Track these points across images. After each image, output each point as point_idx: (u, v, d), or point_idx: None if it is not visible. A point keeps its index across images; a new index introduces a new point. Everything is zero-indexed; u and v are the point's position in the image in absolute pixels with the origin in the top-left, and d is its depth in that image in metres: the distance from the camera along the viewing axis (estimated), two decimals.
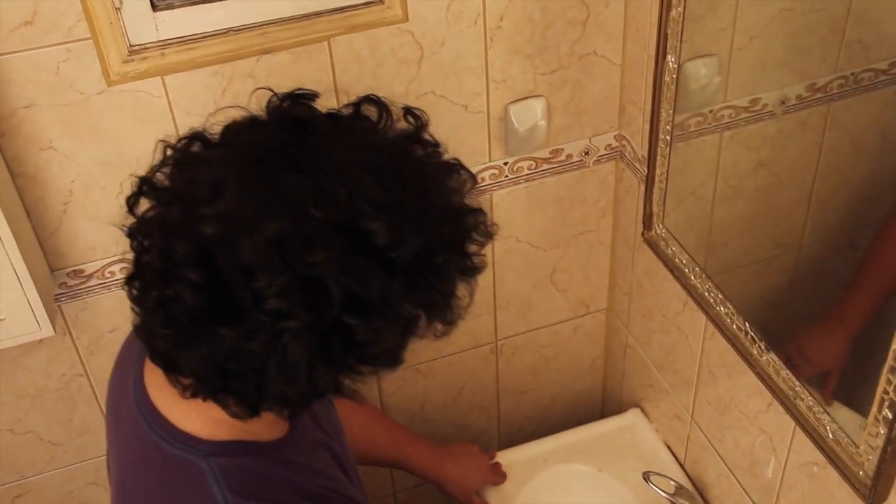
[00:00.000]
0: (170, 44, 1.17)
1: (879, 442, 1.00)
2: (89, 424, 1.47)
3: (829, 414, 1.09)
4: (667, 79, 1.26)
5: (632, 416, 1.69)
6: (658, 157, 1.34)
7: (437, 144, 0.83)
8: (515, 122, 1.40)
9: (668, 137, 1.30)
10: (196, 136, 0.81)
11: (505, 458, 1.62)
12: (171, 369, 0.80)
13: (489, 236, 0.83)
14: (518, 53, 1.34)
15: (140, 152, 1.22)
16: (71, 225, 1.26)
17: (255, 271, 0.71)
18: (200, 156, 0.80)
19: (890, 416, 0.96)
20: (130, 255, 0.79)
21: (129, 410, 0.90)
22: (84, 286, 1.32)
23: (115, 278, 1.33)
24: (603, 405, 1.90)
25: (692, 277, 1.33)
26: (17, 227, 1.15)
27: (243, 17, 1.18)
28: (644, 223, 1.43)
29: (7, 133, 1.16)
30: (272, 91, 0.84)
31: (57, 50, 1.13)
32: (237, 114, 0.82)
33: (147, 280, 0.77)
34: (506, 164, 1.45)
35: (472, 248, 0.82)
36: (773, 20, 1.15)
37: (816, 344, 1.17)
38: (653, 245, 1.42)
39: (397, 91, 1.30)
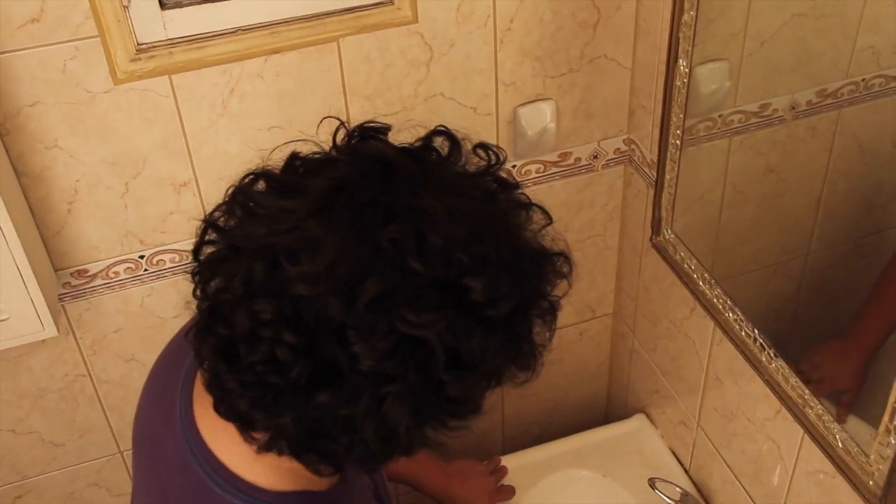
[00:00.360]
0: (178, 43, 1.16)
1: (890, 452, 0.99)
2: (91, 425, 1.46)
3: (838, 423, 1.08)
4: (678, 83, 1.25)
5: (637, 422, 1.68)
6: (668, 162, 1.33)
7: (516, 184, 0.78)
8: (524, 125, 1.39)
9: (678, 142, 1.30)
10: (261, 175, 0.75)
11: (509, 462, 1.61)
12: (247, 427, 0.74)
13: (566, 277, 0.79)
14: (528, 55, 1.33)
15: (147, 152, 1.22)
16: (75, 224, 1.25)
17: (355, 334, 0.66)
18: (277, 201, 0.71)
19: None
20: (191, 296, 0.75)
21: (176, 451, 0.83)
22: (88, 286, 1.31)
23: (119, 278, 1.32)
24: (607, 410, 1.89)
25: (700, 283, 1.32)
26: (21, 226, 1.14)
27: (252, 17, 1.17)
28: (652, 228, 1.42)
29: (12, 131, 1.15)
30: (340, 121, 0.78)
31: (64, 48, 1.12)
32: (302, 146, 0.76)
33: (229, 337, 0.71)
34: (514, 167, 1.44)
35: (550, 288, 0.77)
36: (785, 25, 1.14)
37: (831, 364, 1.16)
38: (661, 250, 1.41)
39: (406, 93, 1.30)
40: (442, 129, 0.78)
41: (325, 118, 0.87)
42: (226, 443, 0.80)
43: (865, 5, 1.04)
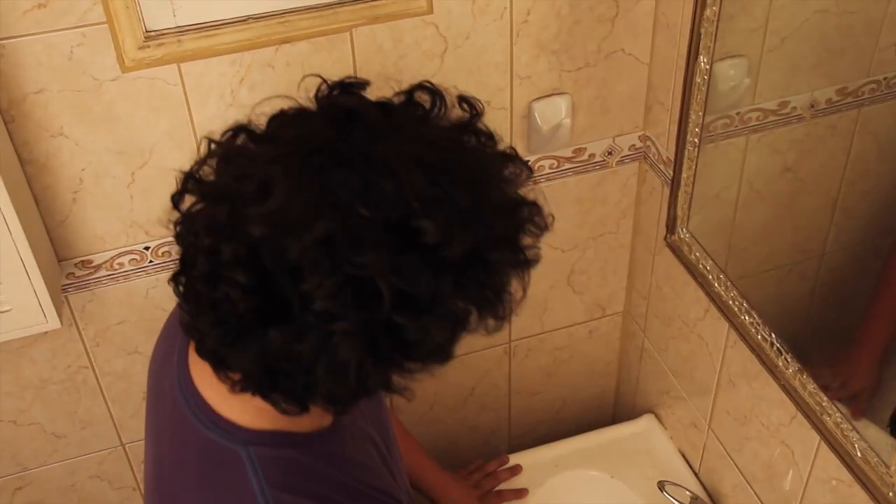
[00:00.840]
0: (187, 30, 1.13)
1: None
2: (93, 417, 1.45)
3: (858, 432, 1.06)
4: (698, 79, 1.22)
5: (646, 423, 1.66)
6: (685, 160, 1.30)
7: (491, 135, 0.81)
8: (539, 120, 1.36)
9: (696, 140, 1.27)
10: (241, 129, 0.80)
11: (515, 461, 1.59)
12: (220, 366, 0.79)
13: (544, 229, 0.81)
14: (544, 49, 1.31)
15: (154, 141, 1.20)
16: (80, 214, 1.23)
17: (304, 272, 0.70)
18: (247, 150, 0.78)
19: None
20: (174, 250, 0.80)
21: (170, 389, 0.90)
22: (92, 277, 1.29)
23: (123, 270, 1.30)
24: (615, 410, 1.88)
25: (716, 285, 1.30)
26: (25, 216, 1.12)
27: (263, 5, 1.15)
28: (667, 227, 1.40)
29: (17, 118, 1.13)
30: (322, 78, 0.82)
31: (71, 34, 1.09)
32: (284, 103, 0.80)
33: (194, 279, 0.77)
34: (527, 161, 1.41)
35: (526, 240, 0.79)
36: (807, 21, 1.12)
37: (844, 369, 1.15)
38: (675, 250, 1.39)
39: None
40: (426, 84, 0.81)
41: (305, 76, 0.88)
42: (210, 383, 0.84)
43: (890, 3, 1.02)
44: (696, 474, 1.54)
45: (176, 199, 0.80)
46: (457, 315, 0.77)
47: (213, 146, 0.80)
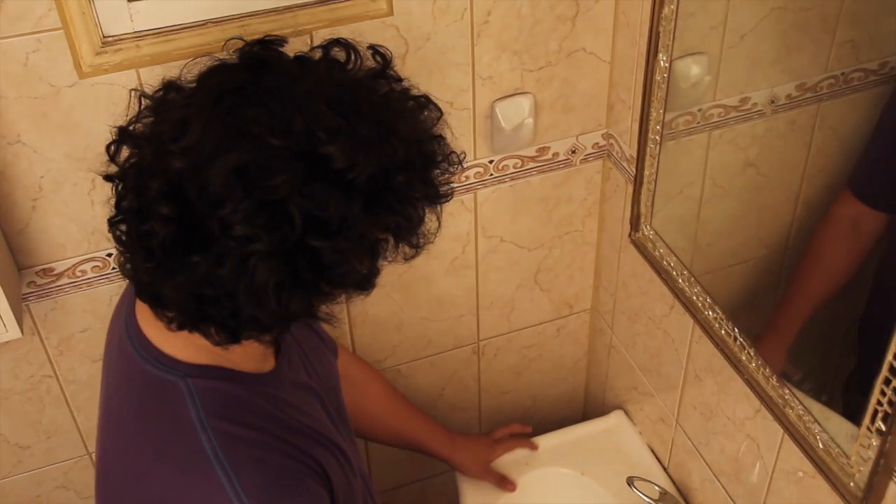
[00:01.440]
0: (145, 35, 1.12)
1: (871, 454, 0.98)
2: (58, 426, 1.43)
3: (819, 424, 1.08)
4: (658, 77, 1.23)
5: (615, 419, 1.67)
6: (647, 157, 1.31)
7: (400, 79, 0.89)
8: (502, 120, 1.36)
9: (657, 137, 1.28)
10: (170, 85, 0.87)
11: None
12: (156, 303, 0.85)
13: (453, 163, 0.89)
14: (505, 49, 1.31)
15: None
16: (40, 222, 1.22)
17: (221, 200, 0.76)
18: (172, 101, 0.85)
19: (883, 427, 0.95)
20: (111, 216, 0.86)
21: (118, 336, 0.96)
22: (54, 285, 1.28)
23: (86, 277, 1.29)
24: (585, 407, 1.88)
25: (680, 281, 1.31)
26: None
27: (222, 9, 1.14)
28: (631, 224, 1.41)
29: None
30: (242, 39, 0.90)
31: (26, 40, 1.08)
32: (211, 62, 0.88)
33: (127, 220, 0.84)
34: (491, 162, 1.42)
35: (439, 175, 0.87)
36: (765, 18, 1.13)
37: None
38: (640, 246, 1.40)
39: None
40: (340, 39, 0.89)
41: (229, 39, 0.98)
42: (153, 324, 0.90)
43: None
44: (665, 469, 1.55)
45: (110, 151, 0.87)
46: (372, 241, 0.84)
47: (143, 102, 0.87)
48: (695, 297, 1.28)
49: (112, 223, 0.86)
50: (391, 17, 1.22)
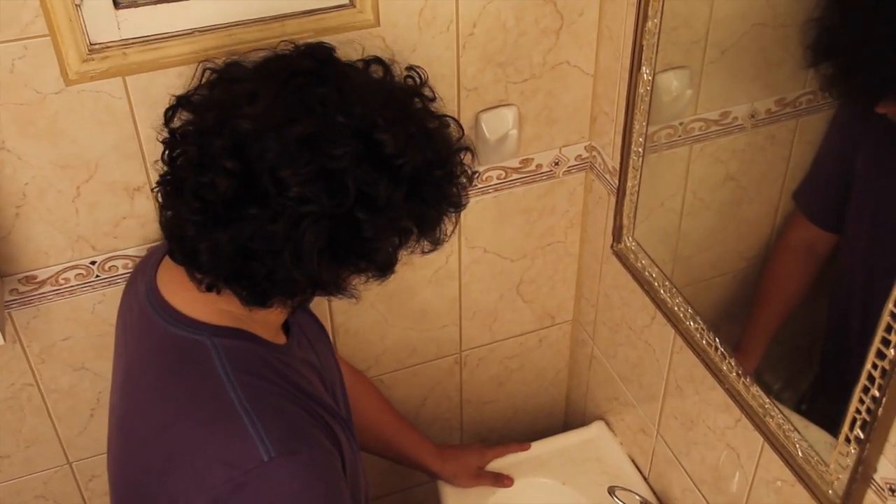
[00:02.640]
0: (132, 43, 1.13)
1: (850, 462, 0.99)
2: (39, 435, 1.42)
3: (799, 432, 1.09)
4: (641, 90, 1.25)
5: (596, 429, 1.67)
6: (630, 169, 1.33)
7: (434, 98, 0.98)
8: (486, 131, 1.38)
9: (640, 150, 1.30)
10: (233, 63, 0.95)
11: None
12: (192, 261, 0.91)
13: (470, 177, 0.99)
14: (490, 61, 1.32)
15: (99, 155, 1.19)
16: (24, 229, 1.21)
17: (283, 163, 0.83)
18: (237, 75, 0.93)
19: (861, 436, 0.96)
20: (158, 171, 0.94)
21: (139, 309, 1.01)
22: (36, 293, 1.27)
23: (69, 285, 1.28)
24: (566, 417, 1.89)
25: (662, 291, 1.32)
26: None
27: (209, 18, 1.14)
28: (614, 235, 1.42)
29: None
30: (293, 42, 1.00)
31: (12, 46, 1.08)
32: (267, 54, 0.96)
33: (180, 175, 0.89)
34: (475, 173, 1.42)
35: (461, 185, 0.97)
36: (746, 34, 1.14)
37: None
38: (622, 258, 1.41)
39: None
40: (378, 57, 0.98)
41: (281, 40, 1.08)
42: (176, 290, 0.97)
43: None
44: (645, 479, 1.56)
45: (167, 115, 0.94)
46: (403, 227, 0.93)
47: (207, 74, 0.94)
48: (676, 308, 1.29)
49: (161, 181, 0.92)
50: (378, 27, 1.22)
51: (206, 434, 0.90)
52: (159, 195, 0.94)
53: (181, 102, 0.93)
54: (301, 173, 0.83)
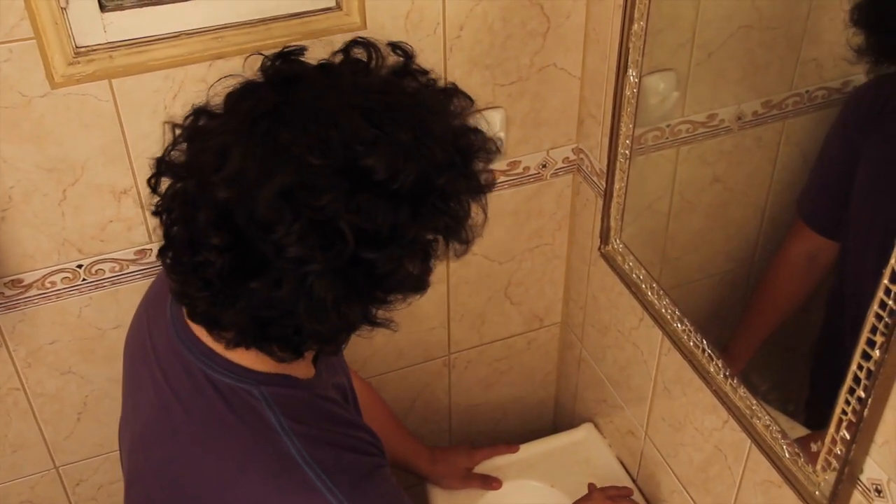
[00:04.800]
0: (118, 46, 1.12)
1: (836, 462, 1.00)
2: (25, 440, 1.41)
3: (785, 433, 1.09)
4: (627, 93, 1.25)
5: (585, 432, 1.67)
6: (617, 172, 1.33)
7: (425, 71, 0.88)
8: None
9: (627, 152, 1.30)
10: (200, 111, 0.86)
11: None
12: (214, 326, 0.86)
13: (491, 152, 0.88)
14: (477, 64, 1.32)
15: (85, 158, 1.19)
16: (9, 232, 1.21)
17: (271, 224, 0.76)
18: (206, 128, 0.85)
19: (847, 436, 0.96)
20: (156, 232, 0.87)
21: (168, 343, 0.95)
22: (22, 296, 1.27)
23: (55, 288, 1.28)
24: (554, 419, 1.89)
25: (649, 293, 1.33)
26: None
27: (196, 21, 1.14)
28: (601, 238, 1.42)
29: None
30: (263, 55, 0.89)
31: None
32: (234, 81, 0.87)
33: (177, 250, 0.84)
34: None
35: (478, 165, 0.86)
36: (732, 36, 1.15)
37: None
38: (610, 260, 1.42)
39: None
40: (359, 39, 0.88)
41: (248, 55, 0.98)
42: (210, 337, 0.91)
43: (808, 19, 1.05)
44: (634, 481, 1.56)
45: (152, 184, 0.88)
46: (423, 243, 0.84)
47: (176, 131, 0.86)
48: (664, 310, 1.29)
49: (162, 252, 0.86)
50: (364, 30, 1.22)
51: (274, 490, 0.87)
52: (162, 262, 0.88)
53: (160, 168, 0.87)
54: (292, 231, 0.76)
